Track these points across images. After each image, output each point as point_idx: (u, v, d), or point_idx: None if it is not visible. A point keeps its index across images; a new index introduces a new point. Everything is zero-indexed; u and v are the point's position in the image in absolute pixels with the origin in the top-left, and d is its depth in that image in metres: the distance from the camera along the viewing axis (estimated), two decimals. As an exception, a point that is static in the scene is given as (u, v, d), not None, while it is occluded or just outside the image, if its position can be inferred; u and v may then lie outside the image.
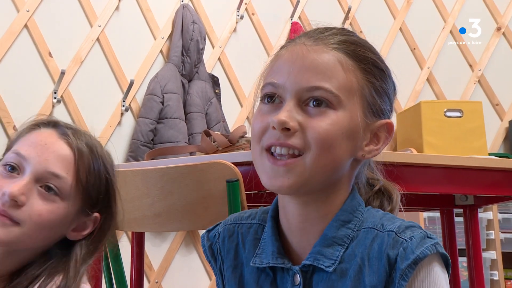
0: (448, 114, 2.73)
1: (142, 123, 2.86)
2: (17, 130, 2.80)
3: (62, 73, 2.73)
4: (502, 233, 3.26)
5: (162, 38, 3.10)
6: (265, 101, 0.86)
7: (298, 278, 0.84)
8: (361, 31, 3.50)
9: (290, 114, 0.81)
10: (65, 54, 2.84)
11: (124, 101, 2.93)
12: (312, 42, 0.85)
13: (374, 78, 0.86)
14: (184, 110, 2.97)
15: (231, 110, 3.20)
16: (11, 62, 2.71)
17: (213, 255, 0.96)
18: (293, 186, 0.81)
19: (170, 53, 3.05)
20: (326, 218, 0.85)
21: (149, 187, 1.30)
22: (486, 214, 3.22)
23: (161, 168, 1.30)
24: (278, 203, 0.90)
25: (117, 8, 3.01)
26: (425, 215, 3.11)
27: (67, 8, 2.89)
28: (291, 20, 3.42)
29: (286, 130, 0.81)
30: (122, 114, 2.93)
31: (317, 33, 0.87)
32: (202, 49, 3.09)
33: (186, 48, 3.03)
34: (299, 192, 0.84)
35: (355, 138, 0.84)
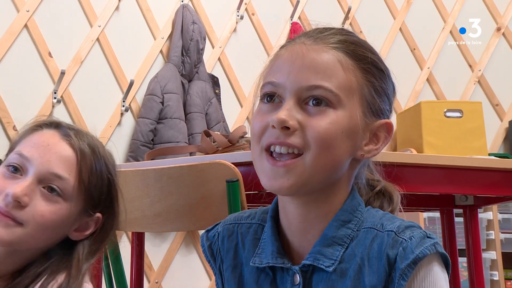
0: (448, 114, 2.73)
1: (142, 123, 2.86)
2: (17, 130, 2.81)
3: (62, 73, 2.73)
4: (502, 233, 3.26)
5: (162, 38, 3.10)
6: (264, 100, 0.86)
7: (298, 278, 0.84)
8: (361, 31, 3.50)
9: (289, 113, 0.81)
10: (65, 54, 2.84)
11: (124, 101, 2.93)
12: (312, 42, 0.85)
13: (374, 78, 0.86)
14: (184, 110, 2.97)
15: (231, 110, 3.20)
16: (11, 62, 2.71)
17: (212, 255, 0.96)
18: (292, 186, 0.81)
19: (170, 53, 3.04)
20: (326, 218, 0.85)
21: (149, 187, 1.30)
22: (486, 214, 3.22)
23: (161, 168, 1.30)
24: (278, 203, 0.90)
25: (117, 8, 3.01)
26: (425, 215, 3.11)
27: (67, 8, 2.89)
28: (291, 20, 3.42)
29: (286, 129, 0.81)
30: (122, 114, 2.93)
31: (316, 32, 0.87)
32: (202, 49, 3.09)
33: (186, 48, 3.03)
34: (299, 192, 0.83)
35: (355, 137, 0.84)
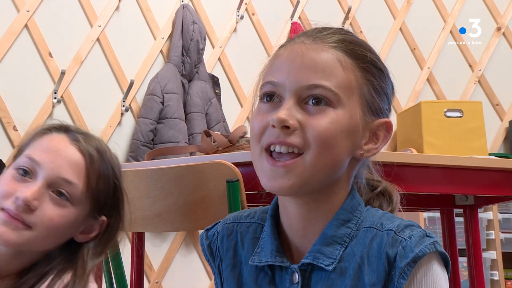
0: (448, 114, 2.72)
1: (142, 123, 2.86)
2: (17, 130, 2.80)
3: (62, 73, 2.73)
4: (502, 233, 3.26)
5: (162, 38, 3.10)
6: (264, 100, 0.86)
7: (297, 276, 0.84)
8: (361, 31, 3.50)
9: (289, 112, 0.81)
10: (65, 54, 2.84)
11: (124, 101, 2.92)
12: (311, 41, 0.85)
13: (373, 77, 0.86)
14: (184, 110, 2.96)
15: (231, 110, 3.20)
16: (11, 62, 2.71)
17: (211, 254, 0.96)
18: (293, 187, 0.81)
19: (170, 53, 3.04)
20: (326, 217, 0.85)
21: (149, 187, 1.30)
22: (486, 214, 3.22)
23: (161, 168, 1.30)
24: (278, 203, 0.90)
25: (117, 8, 3.01)
26: (425, 215, 3.11)
27: (67, 8, 2.89)
28: (291, 20, 3.42)
29: (286, 128, 0.81)
30: (122, 114, 2.93)
31: (316, 32, 0.87)
32: (202, 49, 3.08)
33: (186, 48, 3.03)
34: (299, 192, 0.83)
35: (355, 136, 0.84)
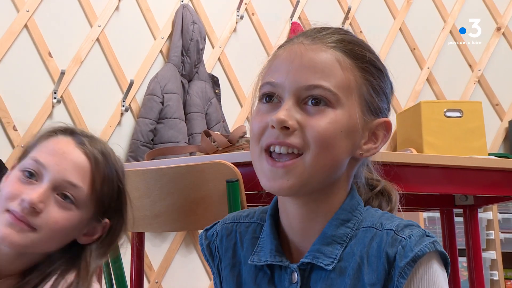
0: (448, 114, 2.72)
1: (142, 123, 2.86)
2: (17, 130, 2.80)
3: (62, 73, 2.73)
4: (502, 233, 3.26)
5: (162, 38, 3.10)
6: (263, 100, 0.86)
7: (296, 276, 0.84)
8: (361, 31, 3.50)
9: (289, 113, 0.81)
10: (65, 54, 2.84)
11: (124, 101, 2.92)
12: (310, 41, 0.85)
13: (372, 77, 0.86)
14: (184, 110, 2.96)
15: (231, 110, 3.20)
16: (11, 62, 2.71)
17: (210, 254, 0.96)
18: (292, 187, 0.81)
19: (170, 53, 3.04)
20: (326, 217, 0.85)
21: (149, 187, 1.30)
22: (486, 214, 3.22)
23: (161, 168, 1.30)
24: (278, 203, 0.90)
25: (117, 8, 3.01)
26: (425, 215, 3.11)
27: (67, 8, 2.89)
28: (291, 20, 3.42)
29: (285, 129, 0.81)
30: (122, 114, 2.93)
31: (314, 32, 0.87)
32: (202, 49, 3.08)
33: (186, 48, 3.03)
34: (299, 193, 0.84)
35: (354, 136, 0.84)
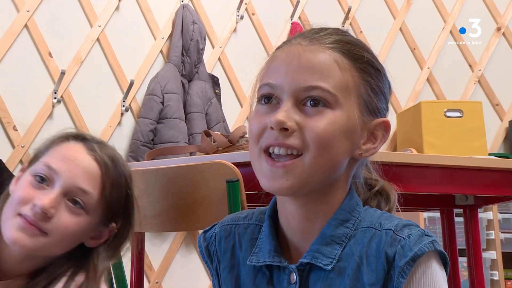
0: (448, 114, 2.72)
1: (142, 123, 2.86)
2: (17, 130, 2.80)
3: (62, 73, 2.73)
4: (502, 233, 3.26)
5: (162, 38, 3.10)
6: (262, 102, 0.86)
7: (294, 276, 0.85)
8: (361, 31, 3.50)
9: (287, 114, 0.81)
10: (65, 54, 2.84)
11: (124, 101, 2.92)
12: (307, 42, 0.85)
13: (370, 77, 0.86)
14: (184, 110, 2.96)
15: (231, 110, 3.20)
16: (11, 62, 2.71)
17: (209, 256, 0.96)
18: (292, 187, 0.81)
19: (170, 53, 3.04)
20: (325, 217, 0.85)
21: (149, 187, 1.30)
22: (486, 214, 3.22)
23: (161, 168, 1.30)
24: (277, 204, 0.90)
25: (117, 8, 3.01)
26: (425, 215, 3.11)
27: (67, 8, 2.89)
28: (291, 20, 3.42)
29: (284, 130, 0.81)
30: (122, 114, 2.93)
31: (312, 33, 0.87)
32: (202, 49, 3.08)
33: (186, 48, 3.03)
34: (298, 193, 0.84)
35: (353, 137, 0.84)
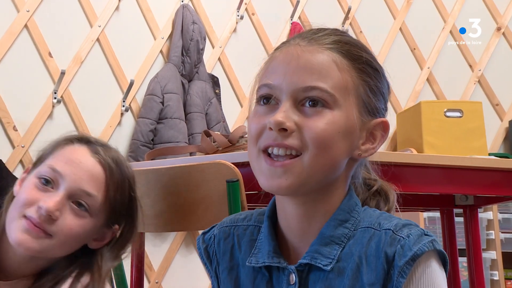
0: (448, 114, 2.72)
1: (142, 123, 2.86)
2: (17, 130, 2.80)
3: (62, 73, 2.73)
4: (502, 233, 3.26)
5: (162, 38, 3.10)
6: (260, 102, 0.86)
7: (294, 277, 0.84)
8: (361, 31, 3.50)
9: (286, 114, 0.81)
10: (65, 54, 2.84)
11: (124, 101, 2.92)
12: (306, 43, 0.85)
13: (369, 77, 0.86)
14: (184, 110, 2.96)
15: (231, 110, 3.20)
16: (11, 62, 2.71)
17: (208, 257, 0.96)
18: (291, 186, 0.81)
19: (170, 53, 3.04)
20: (324, 217, 0.85)
21: (149, 187, 1.30)
22: (486, 214, 3.22)
23: (161, 168, 1.30)
24: (276, 204, 0.90)
25: (117, 8, 3.01)
26: (425, 215, 3.11)
27: (67, 8, 2.89)
28: (291, 20, 3.42)
29: (283, 130, 0.81)
30: (122, 114, 2.93)
31: (311, 34, 0.87)
32: (202, 49, 3.08)
33: (186, 48, 3.03)
34: (297, 192, 0.84)
35: (352, 137, 0.84)
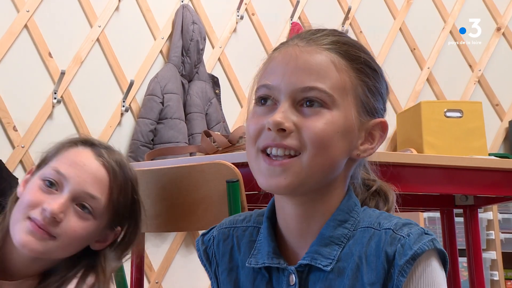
0: (448, 114, 2.72)
1: (142, 124, 2.86)
2: (17, 130, 2.80)
3: (62, 73, 2.73)
4: (502, 233, 3.26)
5: (162, 39, 3.10)
6: (259, 103, 0.86)
7: (294, 278, 0.84)
8: (361, 31, 3.50)
9: (285, 115, 0.81)
10: (65, 54, 2.84)
11: (124, 101, 2.92)
12: (304, 43, 0.85)
13: (367, 78, 0.86)
14: (184, 111, 2.96)
15: (231, 110, 3.20)
16: (11, 62, 2.71)
17: (208, 259, 0.96)
18: (289, 186, 0.82)
19: (170, 53, 3.04)
20: (323, 218, 0.85)
21: (149, 188, 1.30)
22: (486, 214, 3.22)
23: (161, 168, 1.31)
24: (275, 204, 0.90)
25: (117, 8, 3.01)
26: (425, 215, 3.11)
27: (67, 8, 2.89)
28: (291, 20, 3.42)
29: (282, 131, 0.81)
30: (122, 114, 2.93)
31: (309, 34, 0.87)
32: (202, 49, 3.08)
33: (186, 48, 3.03)
34: (296, 192, 0.84)
35: (350, 137, 0.84)
